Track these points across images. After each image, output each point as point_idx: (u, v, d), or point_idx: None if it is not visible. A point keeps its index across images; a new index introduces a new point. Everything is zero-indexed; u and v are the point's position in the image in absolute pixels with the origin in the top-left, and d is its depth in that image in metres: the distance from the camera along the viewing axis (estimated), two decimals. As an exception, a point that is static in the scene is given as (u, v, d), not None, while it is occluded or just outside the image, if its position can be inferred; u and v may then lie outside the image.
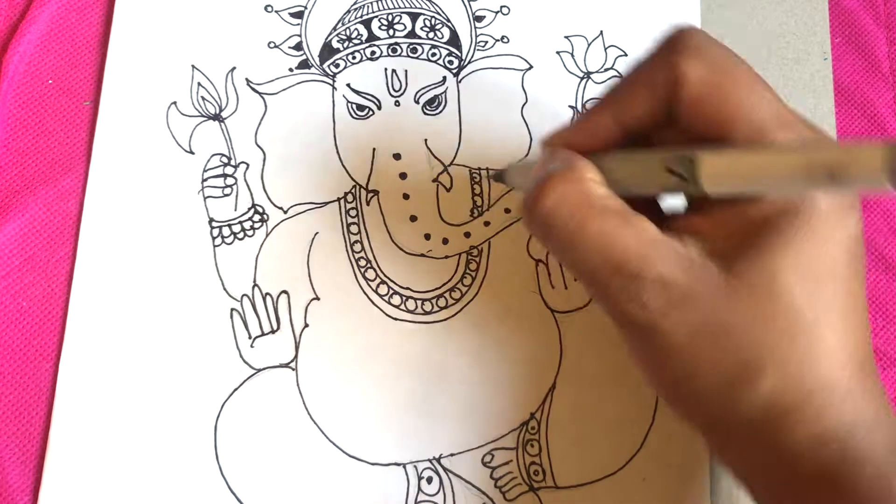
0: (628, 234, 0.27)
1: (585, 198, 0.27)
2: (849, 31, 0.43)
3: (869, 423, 0.26)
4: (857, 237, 0.27)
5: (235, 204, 0.38)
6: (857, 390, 0.26)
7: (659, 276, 0.26)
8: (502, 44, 0.41)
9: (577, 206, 0.27)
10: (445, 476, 0.36)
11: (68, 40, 0.40)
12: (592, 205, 0.27)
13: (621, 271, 0.27)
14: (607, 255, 0.27)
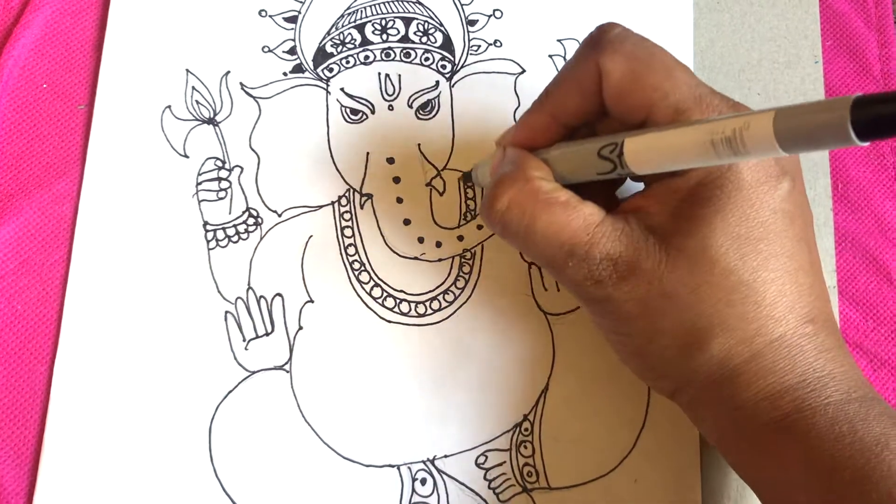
0: (575, 220, 0.30)
1: (533, 194, 0.30)
2: (840, 35, 0.43)
3: (821, 375, 0.28)
4: (788, 199, 0.29)
5: (230, 207, 0.39)
6: (807, 345, 0.29)
7: (606, 253, 0.29)
8: (495, 48, 0.42)
9: (526, 203, 0.30)
10: (439, 477, 0.36)
11: (63, 44, 0.41)
12: (539, 199, 0.30)
13: (573, 254, 0.30)
14: (559, 242, 0.30)
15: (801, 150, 0.24)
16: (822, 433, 0.27)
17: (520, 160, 0.32)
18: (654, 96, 0.29)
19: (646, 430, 0.37)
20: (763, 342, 0.28)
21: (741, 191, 0.28)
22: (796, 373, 0.28)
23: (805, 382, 0.28)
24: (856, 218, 0.41)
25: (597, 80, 0.30)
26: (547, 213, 0.30)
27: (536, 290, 0.38)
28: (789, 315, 0.29)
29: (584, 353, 0.38)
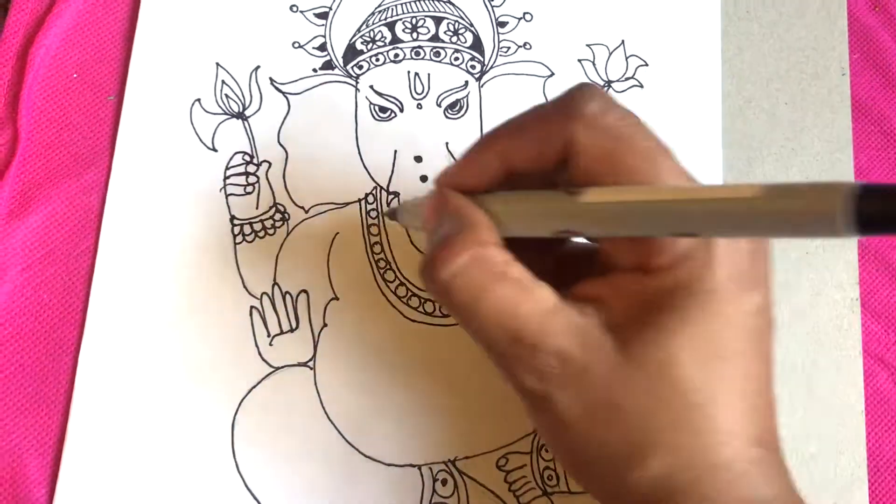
0: (526, 304, 0.26)
1: (484, 266, 0.26)
2: (867, 48, 0.43)
3: (766, 501, 0.26)
4: (758, 315, 0.26)
5: (257, 202, 0.39)
6: (753, 471, 0.26)
7: (556, 349, 0.26)
8: (524, 50, 0.42)
9: (475, 275, 0.26)
10: (460, 478, 0.37)
11: (94, 35, 0.40)
12: (491, 273, 0.26)
13: (519, 342, 0.26)
14: (505, 325, 0.26)
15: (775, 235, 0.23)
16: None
17: (470, 217, 0.28)
18: (632, 181, 0.26)
19: (668, 436, 0.37)
20: (706, 465, 0.26)
21: (712, 304, 0.25)
22: (738, 500, 0.26)
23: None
24: (879, 230, 0.41)
25: (563, 148, 0.26)
26: (498, 290, 0.26)
27: (561, 293, 0.38)
28: (738, 439, 0.26)
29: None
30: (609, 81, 0.41)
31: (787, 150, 0.41)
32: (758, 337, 0.26)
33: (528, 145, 0.27)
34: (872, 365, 0.39)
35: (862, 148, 0.42)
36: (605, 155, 0.26)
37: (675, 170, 0.26)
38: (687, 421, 0.25)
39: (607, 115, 0.26)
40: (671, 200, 0.23)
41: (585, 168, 0.26)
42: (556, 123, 0.26)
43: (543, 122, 0.27)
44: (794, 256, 0.40)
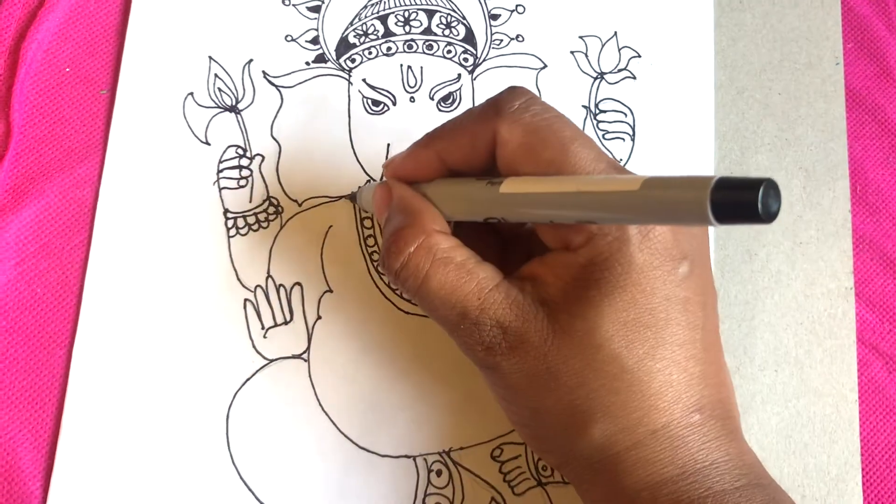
0: (468, 284, 0.29)
1: (429, 252, 0.29)
2: (861, 37, 0.43)
3: (702, 466, 0.27)
4: (684, 285, 0.28)
5: (250, 195, 0.39)
6: (690, 436, 0.28)
7: (496, 321, 0.28)
8: (517, 42, 0.42)
9: (421, 261, 0.29)
10: (455, 469, 0.37)
11: (86, 29, 0.41)
12: (435, 258, 0.29)
13: (465, 317, 0.29)
14: (451, 304, 0.29)
15: (657, 223, 0.25)
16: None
17: (414, 208, 0.31)
18: (549, 170, 0.28)
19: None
20: (645, 432, 0.28)
21: (630, 274, 0.27)
22: (677, 464, 0.27)
23: (685, 474, 0.27)
24: (874, 220, 0.41)
25: (491, 144, 0.29)
26: (441, 272, 0.29)
27: (555, 284, 0.38)
28: (675, 405, 0.28)
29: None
30: (602, 73, 0.41)
31: (780, 141, 0.41)
32: (684, 306, 0.28)
33: (461, 143, 0.30)
34: (867, 353, 0.39)
35: (856, 137, 0.42)
36: (523, 147, 0.29)
37: (587, 157, 0.28)
38: (619, 387, 0.27)
39: (527, 111, 0.29)
40: (568, 193, 0.26)
41: (507, 160, 0.29)
42: (484, 122, 0.30)
43: (474, 121, 0.30)
44: (788, 246, 0.40)
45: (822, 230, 0.40)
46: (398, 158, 0.33)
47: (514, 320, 0.28)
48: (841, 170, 0.41)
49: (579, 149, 0.28)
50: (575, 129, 0.29)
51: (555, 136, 0.28)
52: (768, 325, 0.39)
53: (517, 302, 0.29)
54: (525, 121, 0.29)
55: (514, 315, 0.28)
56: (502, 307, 0.28)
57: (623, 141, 0.41)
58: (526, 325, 0.28)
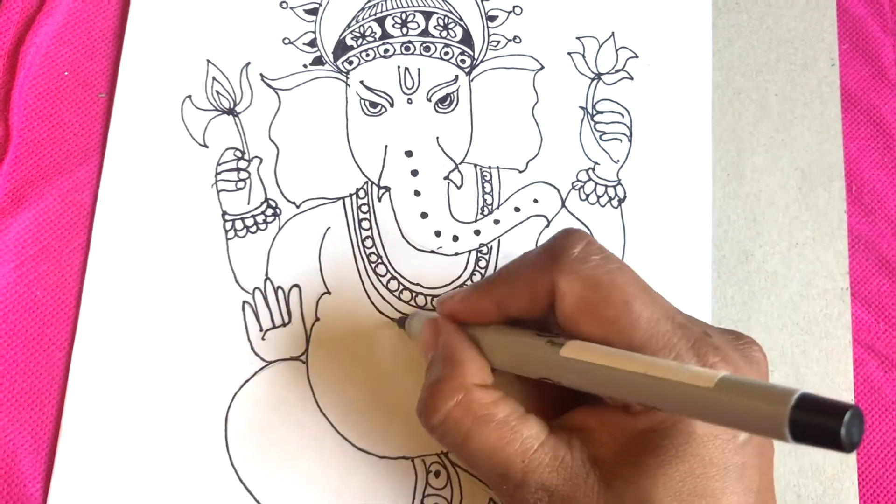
0: (510, 444, 0.28)
1: (469, 410, 0.28)
2: (856, 38, 0.44)
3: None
4: (742, 451, 0.27)
5: (248, 198, 0.39)
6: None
7: (541, 484, 0.27)
8: (514, 44, 0.42)
9: (462, 418, 0.29)
10: (453, 470, 0.37)
11: (84, 33, 0.41)
12: (476, 416, 0.28)
13: (507, 479, 0.28)
14: (493, 465, 0.28)
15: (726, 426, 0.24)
16: None
17: (459, 360, 0.30)
18: (611, 330, 0.27)
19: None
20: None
21: (691, 445, 0.27)
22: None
23: None
24: (869, 221, 0.41)
25: (550, 294, 0.28)
26: (483, 432, 0.28)
27: (552, 285, 0.39)
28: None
29: (598, 350, 0.38)
30: (599, 74, 0.42)
31: (776, 142, 0.42)
32: (741, 472, 0.27)
33: (519, 293, 0.29)
34: (862, 353, 0.39)
35: (851, 138, 0.42)
36: (583, 303, 0.28)
37: (651, 318, 0.27)
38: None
39: (587, 261, 0.28)
40: (636, 374, 0.25)
41: (566, 313, 0.28)
42: (542, 272, 0.29)
43: (531, 269, 0.29)
44: (784, 247, 0.40)
45: (817, 231, 0.41)
46: (455, 300, 0.32)
47: (562, 484, 0.27)
48: (837, 170, 0.41)
49: (642, 308, 0.27)
50: (637, 284, 0.28)
51: (617, 293, 0.28)
52: (764, 325, 0.39)
53: (565, 463, 0.28)
54: (585, 273, 0.28)
55: (561, 479, 0.27)
56: (548, 470, 0.28)
57: (620, 142, 0.41)
58: (575, 489, 0.27)
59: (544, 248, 0.29)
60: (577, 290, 0.28)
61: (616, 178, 0.40)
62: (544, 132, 0.41)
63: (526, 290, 0.29)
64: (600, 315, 0.27)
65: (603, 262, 0.28)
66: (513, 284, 0.30)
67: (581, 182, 0.40)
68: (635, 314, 0.27)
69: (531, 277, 0.29)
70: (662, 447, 0.27)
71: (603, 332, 0.27)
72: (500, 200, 0.40)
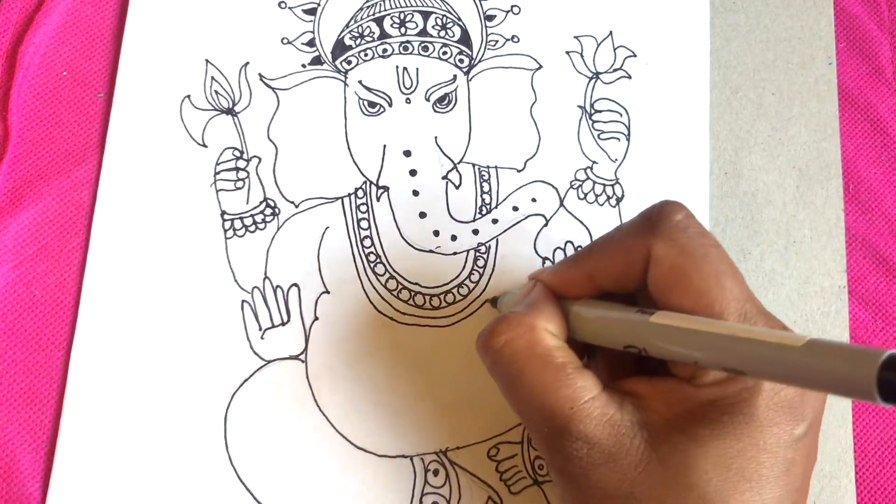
0: (563, 388, 0.28)
1: (530, 345, 0.29)
2: (853, 37, 0.44)
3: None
4: (797, 447, 0.27)
5: (247, 197, 0.39)
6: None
7: (584, 434, 0.27)
8: (512, 43, 0.42)
9: (520, 351, 0.29)
10: (451, 469, 0.37)
11: (83, 32, 0.41)
12: (534, 353, 0.29)
13: (551, 421, 0.28)
14: (539, 404, 0.28)
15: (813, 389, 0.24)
16: None
17: (535, 304, 0.30)
18: (699, 302, 0.27)
19: (657, 425, 0.37)
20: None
21: (750, 425, 0.26)
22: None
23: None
24: (866, 219, 0.41)
25: (644, 260, 0.29)
26: (537, 369, 0.28)
27: (550, 284, 0.39)
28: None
29: (596, 348, 0.38)
30: (597, 73, 0.42)
31: (773, 140, 0.42)
32: (788, 467, 0.27)
33: (614, 260, 0.30)
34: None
35: (849, 136, 0.42)
36: (676, 270, 0.28)
37: (738, 297, 0.27)
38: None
39: (685, 231, 0.28)
40: (724, 336, 0.25)
41: (658, 280, 0.28)
42: (639, 238, 0.29)
43: (628, 235, 0.29)
44: (781, 245, 0.40)
45: (815, 229, 0.41)
46: (548, 271, 0.32)
47: (605, 439, 0.27)
48: (834, 169, 0.42)
49: (732, 285, 0.27)
50: (729, 264, 0.28)
51: (710, 266, 0.28)
52: (762, 323, 0.39)
53: (613, 420, 0.28)
54: (681, 242, 0.28)
55: (605, 434, 0.27)
56: (594, 423, 0.27)
57: (618, 141, 0.41)
58: (617, 447, 0.27)
59: (642, 216, 0.30)
60: (672, 257, 0.28)
61: (614, 177, 0.40)
62: (542, 131, 0.41)
63: (621, 256, 0.29)
64: (691, 285, 0.27)
65: (699, 236, 0.28)
66: (608, 251, 0.30)
67: (579, 181, 0.40)
68: (726, 289, 0.27)
69: (627, 243, 0.29)
70: (720, 422, 0.26)
71: (691, 303, 0.27)
72: (498, 200, 0.40)
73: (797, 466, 0.27)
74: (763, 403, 0.26)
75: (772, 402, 0.27)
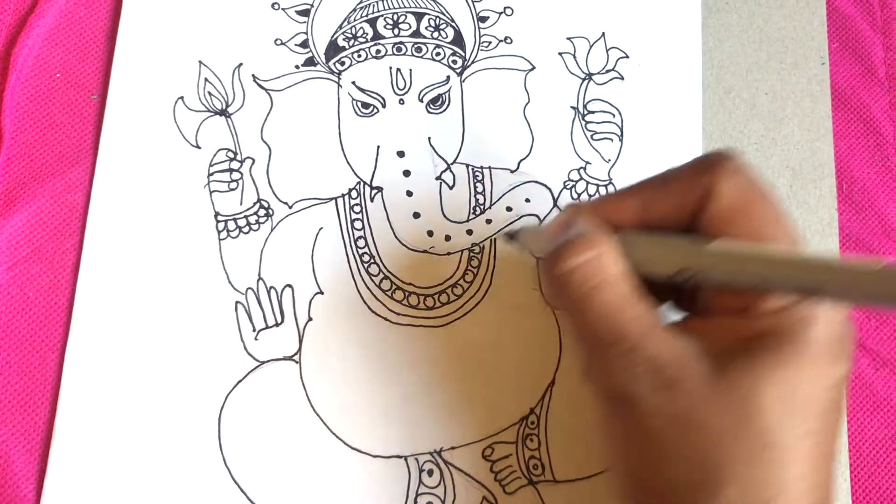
0: (634, 310, 0.28)
1: (603, 267, 0.29)
2: (846, 37, 0.44)
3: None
4: (839, 387, 0.28)
5: (241, 198, 0.39)
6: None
7: (653, 355, 0.28)
8: (505, 44, 0.42)
9: (593, 273, 0.29)
10: (446, 469, 0.37)
11: (76, 34, 0.41)
12: (605, 277, 0.29)
13: (620, 342, 0.28)
14: (610, 324, 0.28)
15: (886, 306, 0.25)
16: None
17: (595, 231, 0.30)
18: (763, 231, 0.28)
19: (651, 424, 0.37)
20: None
21: (807, 356, 0.27)
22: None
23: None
24: (860, 219, 0.41)
25: (703, 197, 0.29)
26: (609, 292, 0.29)
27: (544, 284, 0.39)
28: (806, 492, 0.27)
29: (590, 348, 0.38)
30: (590, 74, 0.42)
31: (767, 140, 0.42)
32: (833, 407, 0.27)
33: (672, 193, 0.30)
34: (853, 350, 0.39)
35: (842, 136, 0.42)
36: (743, 202, 0.28)
37: (793, 237, 0.28)
38: (761, 461, 0.26)
39: (747, 173, 0.29)
40: (798, 259, 0.26)
41: (719, 214, 0.28)
42: (700, 173, 0.29)
43: (687, 170, 0.30)
44: (775, 245, 0.40)
45: (808, 229, 0.41)
46: (594, 202, 0.32)
47: (673, 362, 0.27)
48: (827, 169, 0.42)
49: (787, 225, 0.28)
50: (780, 205, 0.29)
51: (771, 207, 0.28)
52: (756, 322, 0.39)
53: (679, 346, 0.28)
54: (749, 176, 0.29)
55: (673, 356, 0.28)
56: (665, 343, 0.28)
57: (611, 141, 0.41)
58: (683, 371, 0.27)
59: (701, 156, 0.30)
60: (739, 189, 0.28)
61: (607, 178, 0.41)
62: (536, 132, 0.41)
63: (679, 189, 0.30)
64: (755, 216, 0.28)
65: (759, 179, 0.29)
66: (666, 184, 0.30)
67: (573, 181, 0.40)
68: (785, 227, 0.28)
69: (687, 177, 0.29)
70: (781, 350, 0.27)
71: (754, 234, 0.28)
72: (492, 200, 0.40)
73: (836, 411, 0.28)
74: (817, 336, 0.27)
75: (824, 336, 0.27)
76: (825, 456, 0.27)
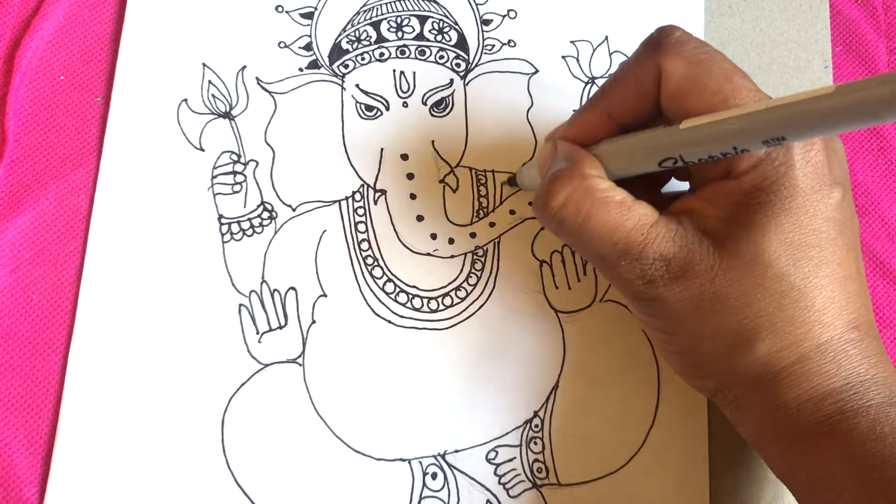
0: (629, 221, 0.30)
1: (588, 193, 0.31)
2: (849, 40, 0.44)
3: (864, 380, 0.29)
4: (839, 208, 0.29)
5: (245, 201, 0.39)
6: (852, 350, 0.29)
7: (660, 253, 0.30)
8: (509, 48, 0.42)
9: (581, 201, 0.31)
10: (450, 472, 0.37)
11: (80, 37, 0.41)
12: (595, 198, 0.31)
13: (627, 253, 0.30)
14: (613, 241, 0.30)
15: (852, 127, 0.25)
16: (864, 434, 0.28)
17: (575, 157, 0.32)
18: (714, 100, 0.29)
19: (655, 427, 0.37)
20: (810, 346, 0.29)
21: (795, 198, 0.29)
22: (840, 376, 0.29)
23: (849, 385, 0.29)
24: (863, 222, 0.41)
25: (656, 81, 0.30)
26: (602, 211, 0.30)
27: (548, 287, 0.39)
28: (836, 321, 0.29)
29: (594, 351, 0.38)
30: (593, 77, 0.42)
31: (770, 143, 0.42)
32: (840, 228, 0.30)
33: (626, 89, 0.31)
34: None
35: (845, 140, 0.42)
36: (687, 78, 0.29)
37: (750, 88, 0.29)
38: (786, 304, 0.29)
39: (687, 44, 0.30)
40: (758, 112, 0.26)
41: (673, 93, 0.30)
42: (646, 61, 0.30)
43: (635, 62, 0.31)
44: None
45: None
46: (566, 124, 0.34)
47: (679, 251, 0.30)
48: None
49: (742, 80, 0.29)
50: (733, 64, 0.30)
51: (718, 68, 0.29)
52: (760, 326, 0.39)
53: (679, 233, 0.30)
54: (687, 53, 0.30)
55: (677, 246, 0.30)
56: (665, 240, 0.30)
57: (615, 144, 0.41)
58: (691, 255, 0.30)
59: (643, 44, 0.31)
60: (682, 67, 0.29)
61: (611, 181, 0.41)
62: (539, 136, 0.41)
63: (633, 84, 0.31)
64: (705, 88, 0.29)
65: (700, 45, 0.30)
66: (619, 84, 0.32)
67: (576, 184, 0.40)
68: (737, 85, 0.29)
69: (636, 71, 0.31)
70: (769, 202, 0.29)
71: (708, 104, 0.29)
72: (495, 203, 0.40)
73: (847, 228, 0.30)
74: (800, 174, 0.29)
75: (807, 171, 0.29)
76: (846, 277, 0.29)
